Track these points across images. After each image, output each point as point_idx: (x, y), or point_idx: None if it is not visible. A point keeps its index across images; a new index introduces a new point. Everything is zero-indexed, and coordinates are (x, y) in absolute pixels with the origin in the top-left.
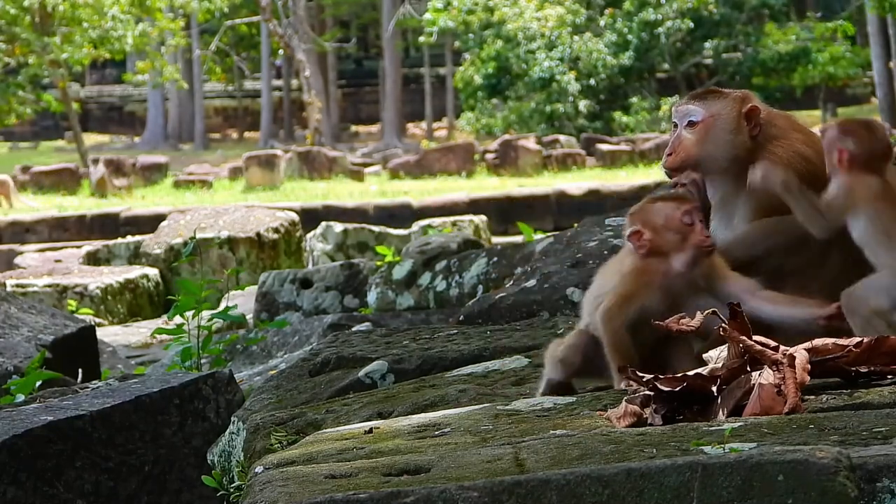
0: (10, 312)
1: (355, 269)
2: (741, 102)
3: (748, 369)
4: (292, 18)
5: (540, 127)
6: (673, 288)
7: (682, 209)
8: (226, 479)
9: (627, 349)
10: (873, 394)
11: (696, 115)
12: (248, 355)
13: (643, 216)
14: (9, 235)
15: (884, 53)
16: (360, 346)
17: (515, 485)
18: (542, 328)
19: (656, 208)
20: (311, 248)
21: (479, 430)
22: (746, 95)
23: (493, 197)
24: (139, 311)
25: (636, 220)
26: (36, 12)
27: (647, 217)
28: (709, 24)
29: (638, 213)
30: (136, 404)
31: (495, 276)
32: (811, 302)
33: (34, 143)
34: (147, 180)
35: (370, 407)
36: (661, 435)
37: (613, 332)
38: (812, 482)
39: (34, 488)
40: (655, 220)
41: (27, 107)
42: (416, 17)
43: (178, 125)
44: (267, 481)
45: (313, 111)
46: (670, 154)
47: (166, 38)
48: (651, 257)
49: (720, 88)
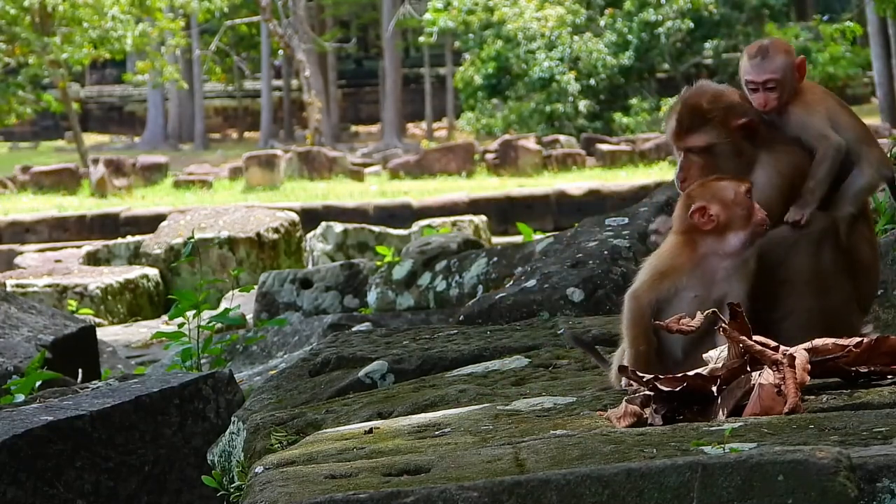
0: (10, 312)
1: (355, 269)
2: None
3: (748, 369)
4: (292, 18)
5: (540, 127)
6: (711, 270)
7: (745, 187)
8: (226, 479)
9: (645, 332)
10: (873, 394)
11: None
12: (248, 355)
13: (709, 192)
14: (9, 235)
15: (884, 53)
16: (360, 346)
17: (515, 485)
18: (542, 328)
19: (723, 185)
20: (311, 249)
21: (479, 430)
22: (731, 106)
23: (493, 197)
24: (139, 311)
25: (701, 196)
26: (36, 12)
27: (714, 193)
28: (709, 24)
29: (701, 190)
30: (136, 404)
31: (495, 276)
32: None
33: (34, 143)
34: (147, 180)
35: (370, 407)
36: (661, 435)
37: (635, 310)
38: (812, 482)
39: (34, 488)
40: (725, 196)
41: (27, 107)
42: (416, 17)
43: (178, 125)
44: (267, 481)
45: (313, 111)
46: (684, 180)
47: (166, 38)
48: (710, 235)
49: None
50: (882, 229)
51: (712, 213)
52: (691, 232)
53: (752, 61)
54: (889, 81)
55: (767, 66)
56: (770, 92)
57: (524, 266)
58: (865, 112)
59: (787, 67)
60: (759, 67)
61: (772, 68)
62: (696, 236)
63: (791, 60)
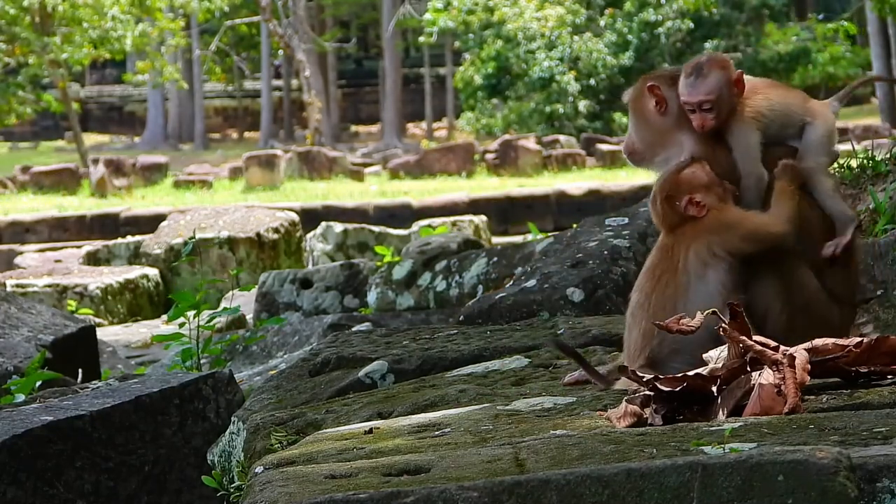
0: (10, 312)
1: (355, 269)
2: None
3: (748, 369)
4: (292, 18)
5: (540, 127)
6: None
7: (706, 167)
8: (226, 479)
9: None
10: (873, 394)
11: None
12: (248, 355)
13: (685, 184)
14: (9, 235)
15: (884, 53)
16: (360, 346)
17: (515, 485)
18: (542, 328)
19: (691, 173)
20: (311, 248)
21: (479, 430)
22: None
23: (493, 197)
24: (139, 311)
25: (680, 190)
26: (36, 12)
27: (690, 182)
28: (709, 24)
29: (675, 185)
30: (136, 404)
31: (495, 276)
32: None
33: (34, 143)
34: (147, 180)
35: (370, 407)
36: (661, 435)
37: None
38: (812, 482)
39: (34, 488)
40: (701, 181)
41: (27, 107)
42: (416, 17)
43: (178, 125)
44: (267, 481)
45: (313, 111)
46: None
47: (166, 38)
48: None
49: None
50: (882, 229)
51: (700, 201)
52: (682, 227)
53: (687, 80)
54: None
55: (701, 88)
56: (707, 113)
57: (524, 266)
58: (865, 112)
59: (722, 86)
60: (693, 88)
61: (706, 89)
62: (686, 230)
63: (728, 77)
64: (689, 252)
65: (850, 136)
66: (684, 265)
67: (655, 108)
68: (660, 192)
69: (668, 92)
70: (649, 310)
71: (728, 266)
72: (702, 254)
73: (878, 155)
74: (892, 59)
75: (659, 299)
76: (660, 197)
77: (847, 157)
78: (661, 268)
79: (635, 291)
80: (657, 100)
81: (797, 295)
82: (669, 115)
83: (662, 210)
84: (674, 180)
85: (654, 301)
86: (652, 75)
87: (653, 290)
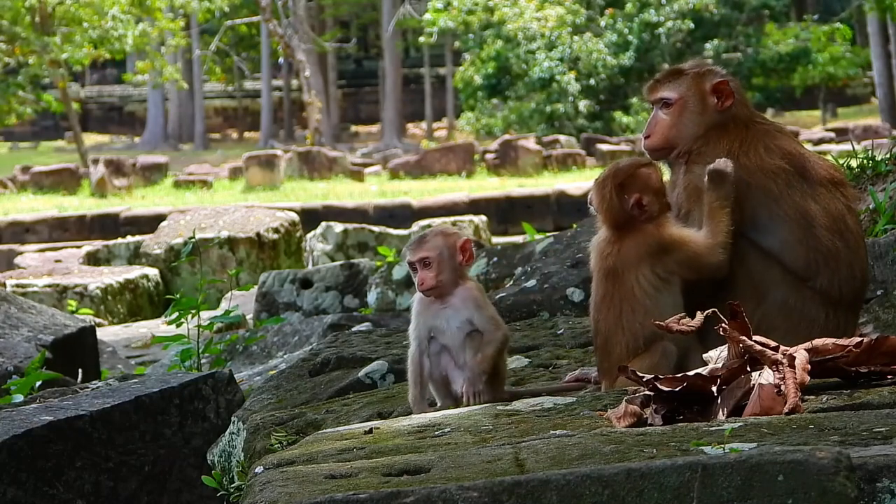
0: (10, 312)
1: (355, 269)
2: (703, 78)
3: (748, 369)
4: (292, 18)
5: (540, 127)
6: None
7: (658, 172)
8: (226, 479)
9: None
10: (873, 394)
11: (671, 96)
12: (248, 355)
13: (640, 182)
14: (9, 235)
15: (884, 53)
16: (360, 346)
17: (515, 485)
18: (542, 328)
19: (647, 173)
20: (311, 249)
21: (479, 430)
22: (708, 70)
23: (493, 197)
24: (139, 311)
25: (633, 186)
26: (36, 12)
27: (645, 183)
28: (709, 24)
29: (631, 178)
30: (136, 404)
31: (495, 276)
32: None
33: (34, 143)
34: (147, 180)
35: (370, 407)
36: (661, 435)
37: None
38: (812, 482)
39: (34, 488)
40: (653, 185)
41: (27, 107)
42: (416, 17)
43: (178, 125)
44: (267, 481)
45: (313, 111)
46: (648, 136)
47: (166, 38)
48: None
49: (682, 67)
50: (882, 229)
51: (645, 204)
52: (620, 223)
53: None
54: (889, 81)
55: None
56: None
57: (524, 266)
58: (865, 112)
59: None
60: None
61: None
62: (624, 243)
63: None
64: (639, 277)
65: (850, 136)
66: (641, 290)
67: (716, 103)
68: (613, 178)
69: (736, 88)
70: (625, 334)
71: (679, 282)
72: (650, 279)
73: (878, 155)
74: (892, 58)
75: (630, 322)
76: (612, 183)
77: (847, 157)
78: (619, 296)
79: (597, 321)
80: (724, 95)
81: (771, 294)
82: (725, 112)
83: (609, 197)
84: (631, 173)
85: (626, 324)
86: (714, 69)
87: (620, 316)
